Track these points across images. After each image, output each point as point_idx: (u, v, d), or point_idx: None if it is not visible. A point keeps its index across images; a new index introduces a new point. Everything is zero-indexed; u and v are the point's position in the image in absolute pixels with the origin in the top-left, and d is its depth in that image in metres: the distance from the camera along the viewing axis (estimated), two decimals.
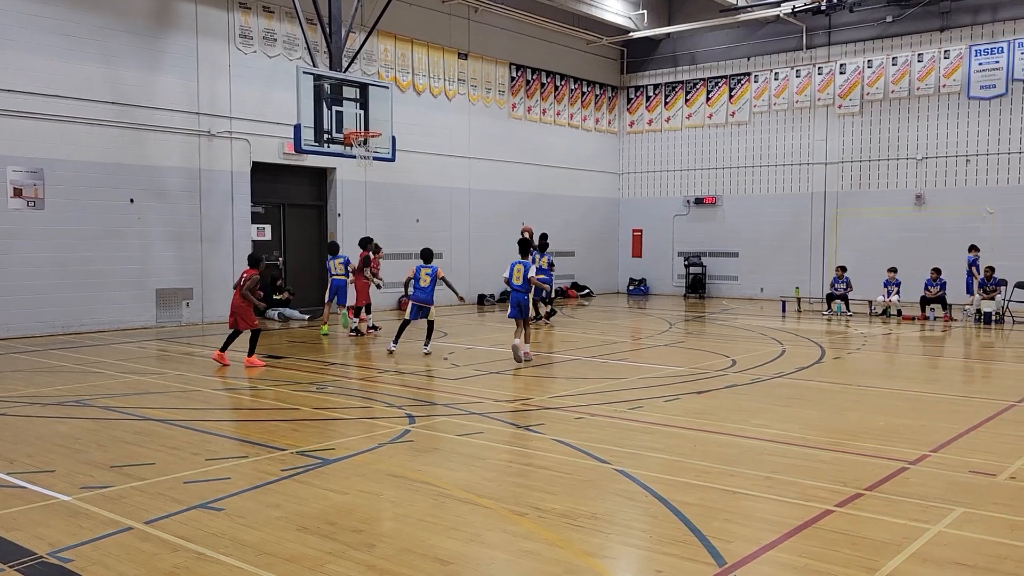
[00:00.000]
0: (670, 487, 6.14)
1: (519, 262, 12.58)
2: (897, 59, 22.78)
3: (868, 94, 23.31)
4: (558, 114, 25.91)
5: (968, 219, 21.68)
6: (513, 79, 24.33)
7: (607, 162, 28.01)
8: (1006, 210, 21.15)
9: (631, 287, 27.97)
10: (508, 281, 12.52)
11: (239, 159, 17.90)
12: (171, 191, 16.87)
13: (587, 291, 26.68)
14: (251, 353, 12.01)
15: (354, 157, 16.16)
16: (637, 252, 28.33)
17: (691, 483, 6.28)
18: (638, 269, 28.17)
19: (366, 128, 15.94)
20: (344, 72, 16.27)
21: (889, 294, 19.78)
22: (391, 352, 13.27)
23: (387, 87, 16.97)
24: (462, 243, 22.86)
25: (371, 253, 16.02)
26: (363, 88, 16.14)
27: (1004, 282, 18.64)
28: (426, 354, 13.05)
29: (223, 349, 12.02)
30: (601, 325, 18.52)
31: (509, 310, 12.60)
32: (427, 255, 13.57)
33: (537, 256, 17.37)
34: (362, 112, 15.97)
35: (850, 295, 20.33)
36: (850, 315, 19.94)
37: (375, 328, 15.74)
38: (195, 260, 17.28)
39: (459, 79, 22.69)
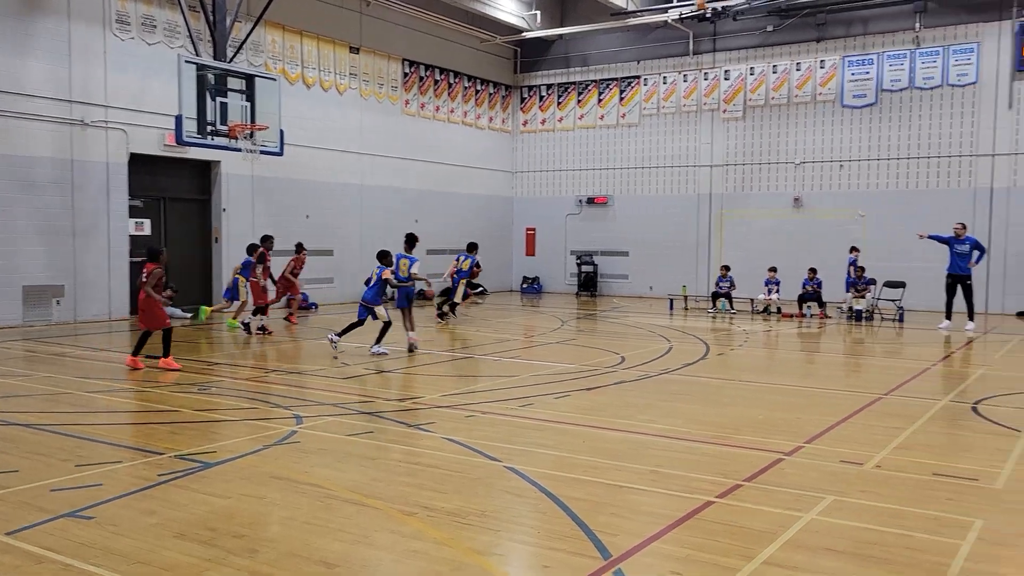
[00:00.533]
0: (559, 483, 6.20)
1: (404, 256, 13.20)
2: (777, 67, 23.77)
3: (750, 100, 24.23)
4: (452, 111, 25.85)
5: (842, 221, 22.83)
6: (407, 75, 24.13)
7: (501, 160, 28.14)
8: (876, 213, 22.36)
9: (524, 285, 28.20)
10: (395, 274, 12.81)
11: (115, 150, 17.07)
12: (40, 183, 15.93)
13: (481, 289, 26.71)
14: (166, 354, 11.33)
15: (239, 150, 15.67)
16: (531, 250, 28.59)
17: (580, 479, 6.36)
18: (531, 267, 28.43)
19: (252, 121, 15.49)
20: (229, 62, 15.75)
21: (769, 292, 20.63)
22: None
23: (275, 79, 16.54)
24: (353, 240, 22.53)
25: (269, 251, 15.81)
26: (249, 79, 15.67)
27: (873, 281, 19.70)
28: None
29: (135, 353, 11.35)
30: (495, 323, 18.58)
31: (397, 300, 13.49)
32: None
33: (462, 257, 18.50)
34: (248, 104, 15.51)
35: (733, 293, 21.10)
36: (733, 313, 20.68)
37: (264, 330, 15.26)
38: (67, 256, 16.38)
39: (351, 73, 22.33)
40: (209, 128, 14.83)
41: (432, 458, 6.91)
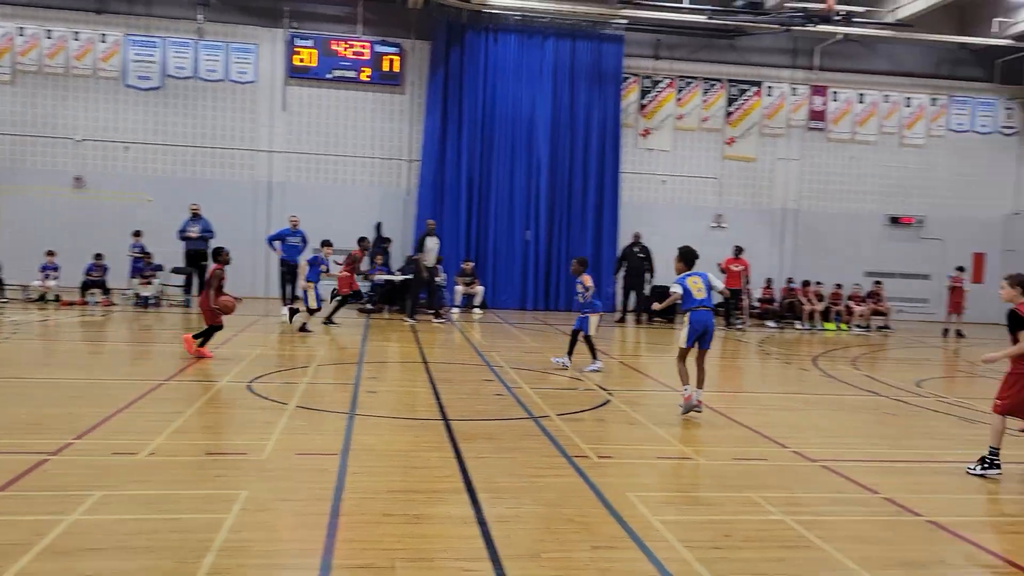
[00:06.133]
0: None
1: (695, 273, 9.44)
2: (52, 32, 21.78)
3: (20, 64, 21.73)
4: None
5: (129, 205, 22.12)
6: None
7: None
8: (164, 199, 22.14)
9: None
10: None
11: None
12: None
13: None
14: None
15: None
16: None
17: None
18: None
19: None
20: None
21: (47, 278, 18.89)
22: None
23: None
24: None
25: None
26: None
27: (160, 267, 19.62)
28: None
29: None
30: None
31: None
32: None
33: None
34: None
35: (4, 279, 18.73)
36: (5, 301, 18.37)
37: None
38: None
39: None
40: None
41: None
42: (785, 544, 5.22)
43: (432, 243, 18.13)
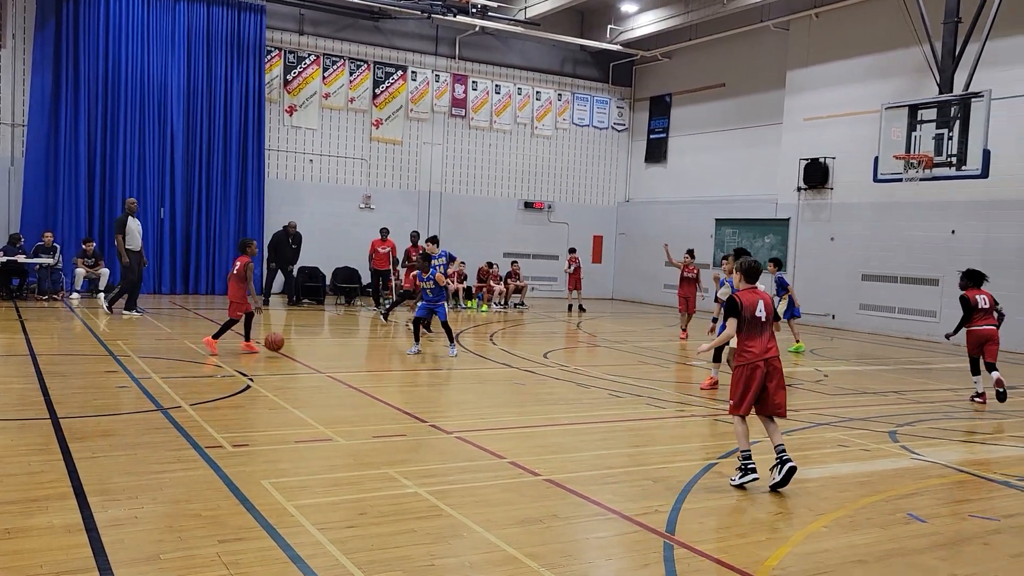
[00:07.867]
0: None
1: None
2: None
3: None
4: None
5: None
6: None
7: None
8: None
9: None
10: None
11: None
12: None
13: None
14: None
15: None
16: None
17: None
18: None
19: None
20: None
21: None
22: None
23: None
24: None
25: None
26: None
27: None
28: None
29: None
30: None
31: None
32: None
33: None
34: None
35: None
36: None
37: None
38: None
39: None
40: None
41: None
42: (418, 515, 5.34)
43: (136, 224, 16.27)
